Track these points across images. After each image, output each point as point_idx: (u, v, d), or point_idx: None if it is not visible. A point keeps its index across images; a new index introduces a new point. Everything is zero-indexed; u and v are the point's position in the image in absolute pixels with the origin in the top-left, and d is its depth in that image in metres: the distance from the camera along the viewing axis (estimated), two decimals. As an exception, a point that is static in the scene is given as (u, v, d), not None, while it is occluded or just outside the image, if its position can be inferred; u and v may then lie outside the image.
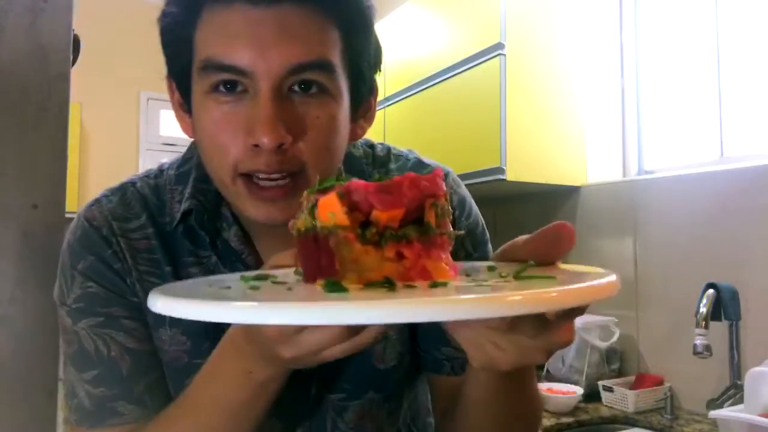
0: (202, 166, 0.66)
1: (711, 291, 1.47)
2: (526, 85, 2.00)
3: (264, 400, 0.55)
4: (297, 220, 0.42)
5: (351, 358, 0.68)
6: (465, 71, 2.12)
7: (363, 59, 0.63)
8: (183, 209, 0.66)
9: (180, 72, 0.62)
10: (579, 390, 1.74)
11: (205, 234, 0.66)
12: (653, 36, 2.13)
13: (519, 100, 1.98)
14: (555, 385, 1.79)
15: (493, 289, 0.36)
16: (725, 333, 1.54)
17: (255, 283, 0.44)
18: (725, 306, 1.49)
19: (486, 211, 0.79)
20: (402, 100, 2.51)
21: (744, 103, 1.82)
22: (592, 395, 1.79)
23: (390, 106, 2.61)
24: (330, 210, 0.38)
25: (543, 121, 2.03)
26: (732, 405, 1.43)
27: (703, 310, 1.45)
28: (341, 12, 0.59)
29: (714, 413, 1.28)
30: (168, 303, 0.35)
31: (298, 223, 0.42)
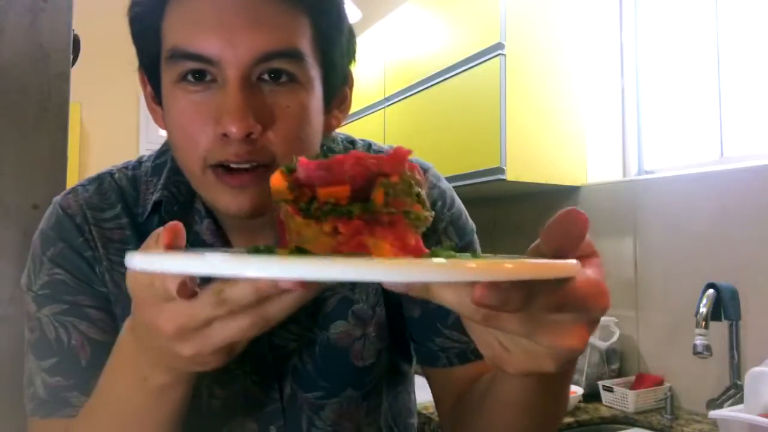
0: None
1: (711, 291, 1.47)
2: (526, 85, 2.00)
3: (164, 409, 0.49)
4: None
5: (328, 356, 0.68)
6: (465, 71, 2.12)
7: (335, 48, 0.62)
8: (154, 200, 0.66)
9: (149, 63, 0.62)
10: (579, 390, 1.74)
11: None
12: (653, 36, 2.13)
13: (519, 100, 1.98)
14: (555, 385, 1.79)
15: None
16: (725, 333, 1.54)
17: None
18: (725, 306, 1.49)
19: (486, 211, 0.79)
20: (402, 100, 2.51)
21: (744, 103, 1.82)
22: (592, 395, 1.79)
23: (390, 106, 2.61)
24: (275, 185, 0.40)
25: (543, 121, 2.03)
26: (732, 405, 1.43)
27: (703, 310, 1.45)
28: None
29: (714, 413, 1.28)
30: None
31: None
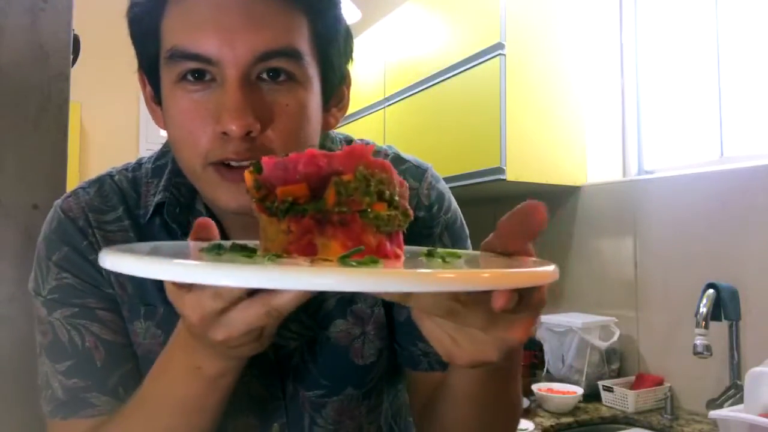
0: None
1: (711, 291, 1.47)
2: (526, 85, 2.00)
3: (216, 396, 0.53)
4: None
5: (329, 354, 0.69)
6: (465, 71, 2.12)
7: (332, 47, 0.63)
8: (156, 201, 0.66)
9: (149, 63, 0.62)
10: (579, 390, 1.75)
11: (177, 227, 0.66)
12: (653, 36, 2.13)
13: (519, 100, 1.98)
14: (555, 385, 1.79)
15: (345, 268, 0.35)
16: (725, 333, 1.54)
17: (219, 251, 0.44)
18: (725, 306, 1.49)
19: (486, 211, 0.79)
20: (402, 100, 2.51)
21: (744, 103, 1.82)
22: (592, 395, 1.79)
23: (390, 106, 2.61)
24: (246, 183, 0.41)
25: (543, 121, 2.03)
26: (732, 405, 1.43)
27: (703, 310, 1.45)
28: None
29: (714, 413, 1.28)
30: (113, 258, 0.35)
31: None
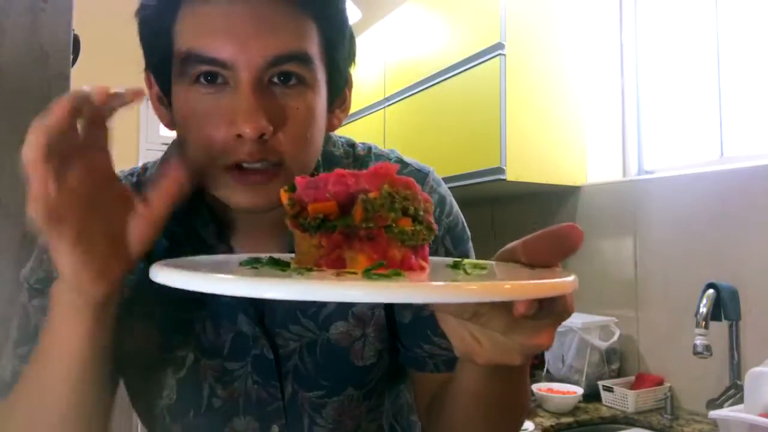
0: None
1: (711, 291, 1.47)
2: (526, 85, 2.00)
3: (84, 328, 0.54)
4: None
5: (328, 356, 0.70)
6: (465, 71, 2.12)
7: (339, 51, 0.65)
8: None
9: (158, 64, 0.63)
10: (579, 390, 1.75)
11: (181, 231, 0.67)
12: (653, 36, 2.14)
13: (519, 100, 1.98)
14: (555, 385, 1.79)
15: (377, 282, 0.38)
16: (725, 333, 1.54)
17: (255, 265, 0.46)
18: (725, 306, 1.49)
19: (486, 211, 0.79)
20: (402, 100, 2.51)
21: (744, 103, 1.82)
22: (592, 395, 1.79)
23: (390, 106, 2.61)
24: (282, 201, 0.45)
25: (543, 121, 2.03)
26: (732, 405, 1.43)
27: (703, 310, 1.45)
28: (317, 5, 0.61)
29: (714, 413, 1.28)
30: (168, 274, 0.39)
31: None
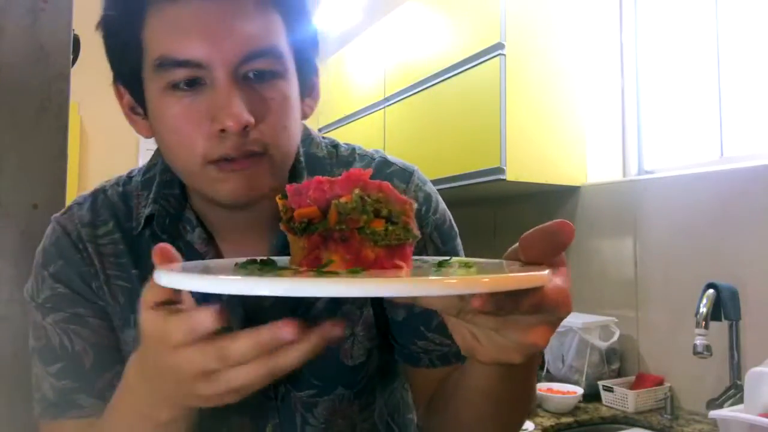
0: (165, 171, 0.69)
1: (711, 291, 1.47)
2: (526, 85, 2.00)
3: None
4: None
5: (318, 356, 0.70)
6: (465, 71, 2.12)
7: (304, 41, 0.66)
8: (146, 214, 0.69)
9: (130, 74, 0.63)
10: (579, 390, 1.75)
11: (168, 237, 0.68)
12: (653, 36, 2.13)
13: (519, 100, 1.98)
14: (555, 385, 1.79)
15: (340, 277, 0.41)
16: (725, 333, 1.54)
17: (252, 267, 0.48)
18: (725, 306, 1.49)
19: (486, 211, 0.79)
20: (402, 100, 2.51)
21: (744, 103, 1.82)
22: (592, 395, 1.79)
23: (390, 106, 2.61)
24: (279, 207, 0.48)
25: (543, 121, 2.03)
26: (732, 405, 1.43)
27: (703, 310, 1.45)
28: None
29: (714, 413, 1.28)
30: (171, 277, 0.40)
31: None
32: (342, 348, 0.71)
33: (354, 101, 2.93)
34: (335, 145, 0.78)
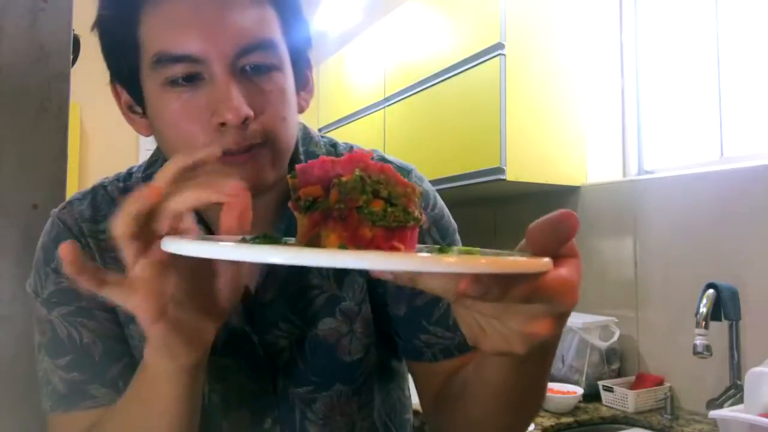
0: None
1: (711, 291, 1.47)
2: (526, 85, 2.00)
3: (172, 393, 0.55)
4: None
5: (317, 351, 0.71)
6: (465, 71, 2.12)
7: (297, 34, 0.67)
8: None
9: (127, 73, 0.64)
10: (579, 390, 1.75)
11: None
12: (653, 36, 2.14)
13: (519, 100, 1.98)
14: (555, 385, 1.79)
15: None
16: (725, 333, 1.54)
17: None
18: (725, 306, 1.49)
19: (486, 211, 0.79)
20: (402, 100, 2.51)
21: (744, 103, 1.82)
22: (592, 395, 1.79)
23: (390, 106, 2.61)
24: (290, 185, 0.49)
25: (543, 121, 2.03)
26: (732, 405, 1.43)
27: (703, 310, 1.45)
28: None
29: (714, 413, 1.28)
30: (177, 244, 0.41)
31: None
32: (340, 344, 0.71)
33: (354, 101, 2.93)
34: (334, 144, 0.78)
